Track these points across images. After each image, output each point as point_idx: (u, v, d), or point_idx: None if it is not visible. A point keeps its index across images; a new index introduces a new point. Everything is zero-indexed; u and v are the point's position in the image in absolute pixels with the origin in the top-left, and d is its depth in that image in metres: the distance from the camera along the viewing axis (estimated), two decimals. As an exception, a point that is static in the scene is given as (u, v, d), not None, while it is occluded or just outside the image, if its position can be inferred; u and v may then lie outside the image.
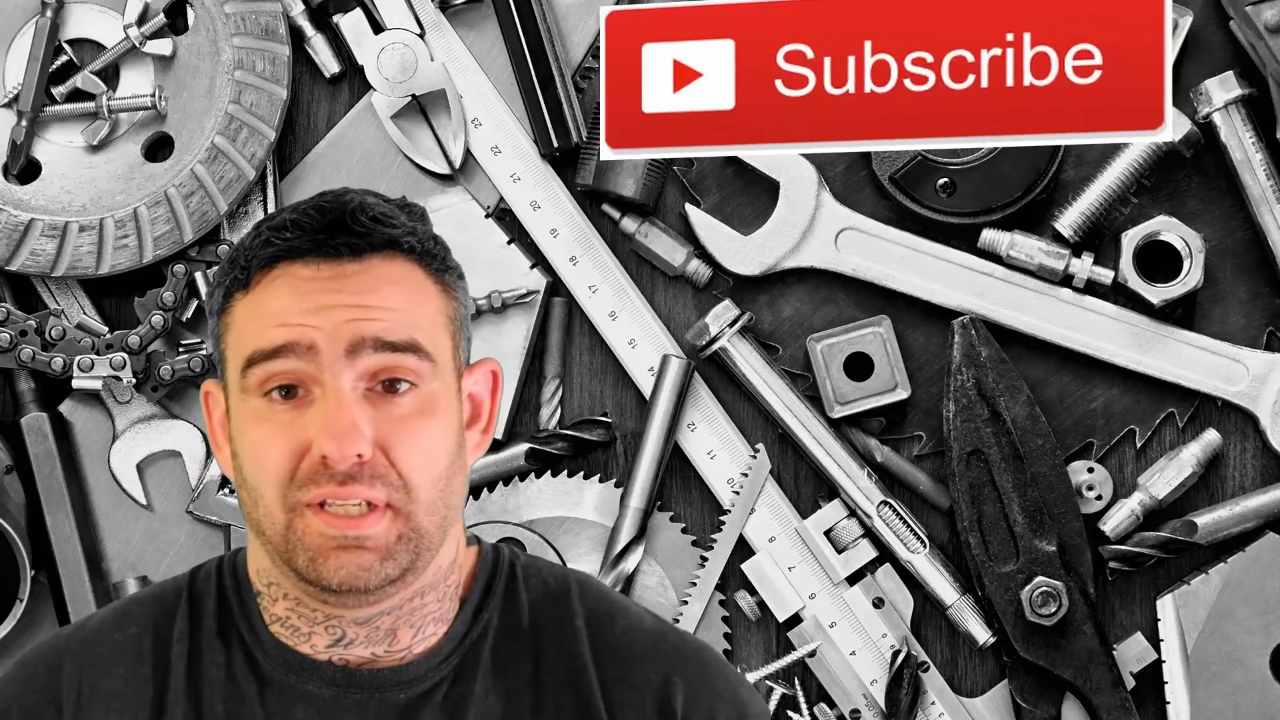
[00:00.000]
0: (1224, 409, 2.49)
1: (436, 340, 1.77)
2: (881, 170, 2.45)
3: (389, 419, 1.72)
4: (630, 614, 1.86)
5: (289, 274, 1.75)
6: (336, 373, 1.71)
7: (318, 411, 1.71)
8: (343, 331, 1.71)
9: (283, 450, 1.71)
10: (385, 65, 2.47)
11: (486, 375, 1.84)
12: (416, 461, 1.72)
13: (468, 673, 1.81)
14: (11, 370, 2.46)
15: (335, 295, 1.73)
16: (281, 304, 1.74)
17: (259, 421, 1.73)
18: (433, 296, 1.78)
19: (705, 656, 1.86)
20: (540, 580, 1.86)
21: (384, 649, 1.79)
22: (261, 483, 1.72)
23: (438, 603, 1.80)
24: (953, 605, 2.45)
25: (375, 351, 1.72)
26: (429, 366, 1.74)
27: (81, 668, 1.80)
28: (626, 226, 2.49)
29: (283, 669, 1.79)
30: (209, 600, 1.82)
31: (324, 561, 1.71)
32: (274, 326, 1.73)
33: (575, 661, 1.82)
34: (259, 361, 1.72)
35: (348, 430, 1.69)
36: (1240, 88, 2.42)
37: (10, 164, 2.43)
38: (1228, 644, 2.43)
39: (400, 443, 1.72)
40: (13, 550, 2.38)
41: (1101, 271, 2.45)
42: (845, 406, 2.47)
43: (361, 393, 1.72)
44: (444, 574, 1.80)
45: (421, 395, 1.74)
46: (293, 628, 1.79)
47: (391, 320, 1.73)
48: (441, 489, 1.74)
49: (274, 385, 1.72)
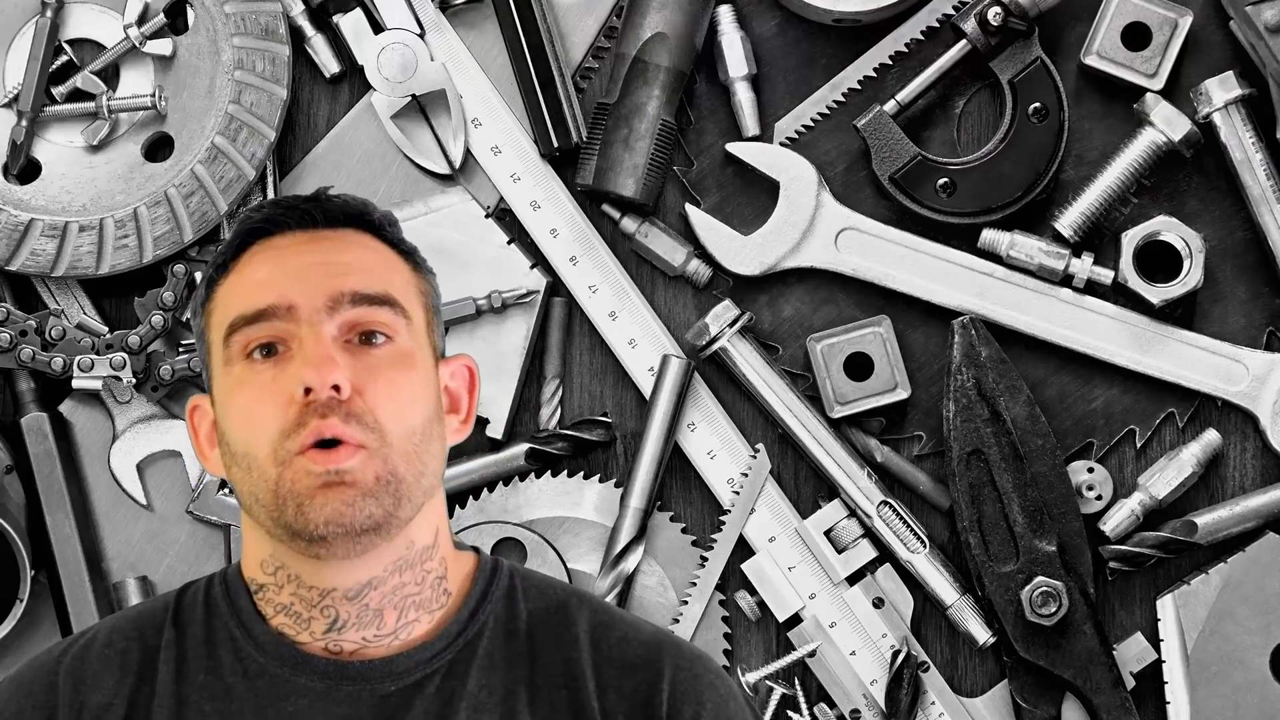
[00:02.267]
0: (1224, 409, 2.49)
1: (410, 302, 1.84)
2: (881, 170, 2.45)
3: (366, 366, 1.78)
4: (628, 624, 1.89)
5: (266, 246, 1.84)
6: (315, 324, 1.78)
7: (298, 359, 1.77)
8: (320, 288, 1.79)
9: (269, 405, 1.77)
10: (385, 65, 2.47)
11: (462, 370, 1.91)
12: (392, 408, 1.78)
13: (461, 669, 1.83)
14: (11, 370, 2.46)
15: (311, 255, 1.82)
16: (260, 272, 1.82)
17: (243, 385, 1.79)
18: (403, 269, 1.87)
19: (698, 666, 1.87)
20: (539, 591, 1.90)
21: (373, 632, 1.83)
22: (253, 443, 1.77)
23: (416, 586, 1.84)
24: (953, 605, 2.45)
25: (353, 305, 1.79)
26: (404, 323, 1.82)
27: (75, 683, 1.84)
28: (626, 226, 2.49)
29: (277, 662, 1.82)
30: (196, 609, 1.87)
31: (310, 503, 1.75)
32: (254, 292, 1.80)
33: (572, 666, 1.84)
34: (240, 327, 1.79)
35: (325, 360, 1.75)
36: (1240, 88, 2.42)
37: (10, 164, 2.43)
38: (1228, 644, 2.43)
39: (376, 389, 1.77)
40: (13, 550, 2.38)
41: (1101, 271, 2.45)
42: (845, 406, 2.47)
43: (340, 343, 1.78)
44: (419, 555, 1.84)
45: (397, 348, 1.81)
46: (295, 614, 1.83)
47: (367, 275, 1.81)
48: (416, 443, 1.79)
49: (255, 346, 1.79)
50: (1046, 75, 2.45)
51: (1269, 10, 2.37)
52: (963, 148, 2.50)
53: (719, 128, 2.50)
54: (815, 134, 2.50)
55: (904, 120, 2.46)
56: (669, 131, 2.47)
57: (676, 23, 2.45)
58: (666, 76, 2.45)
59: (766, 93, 2.50)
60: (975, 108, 2.51)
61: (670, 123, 2.47)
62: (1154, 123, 2.43)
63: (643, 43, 2.45)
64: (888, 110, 2.45)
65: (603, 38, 2.51)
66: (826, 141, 2.50)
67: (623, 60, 2.46)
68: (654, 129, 2.45)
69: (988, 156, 2.46)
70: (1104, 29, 2.45)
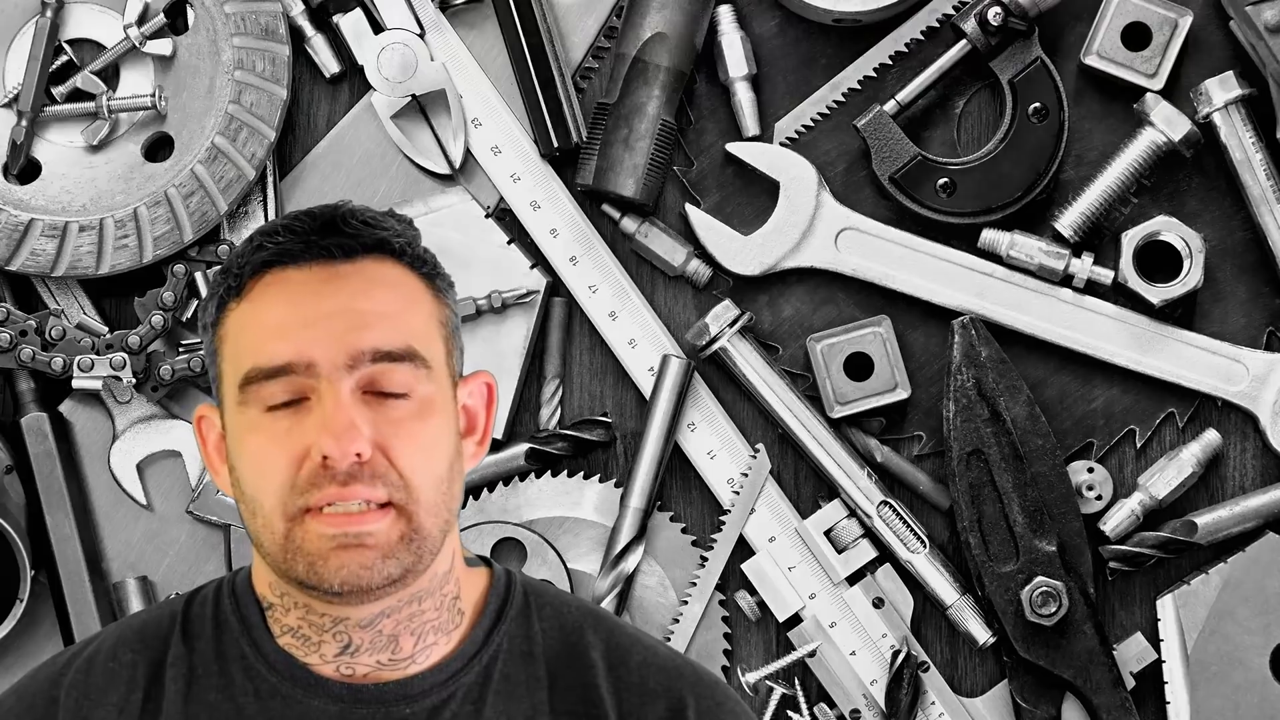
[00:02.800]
0: (1224, 409, 2.49)
1: (431, 345, 1.78)
2: (881, 170, 2.45)
3: (386, 421, 1.73)
4: (645, 647, 1.87)
5: (282, 279, 1.77)
6: (335, 380, 1.72)
7: (316, 416, 1.72)
8: (340, 345, 1.73)
9: (282, 457, 1.72)
10: (385, 65, 2.47)
11: (481, 388, 1.86)
12: (416, 462, 1.73)
13: (477, 693, 1.80)
14: (11, 370, 2.46)
15: (329, 301, 1.75)
16: (277, 314, 1.75)
17: (256, 431, 1.74)
18: (425, 301, 1.80)
19: (718, 693, 1.86)
20: (553, 610, 1.87)
21: (388, 656, 1.80)
22: (261, 492, 1.73)
23: (435, 610, 1.81)
24: (953, 605, 2.45)
25: (373, 362, 1.73)
26: (425, 373, 1.76)
27: (78, 697, 1.81)
28: (626, 226, 2.49)
29: (289, 683, 1.79)
30: (205, 623, 1.83)
31: (324, 564, 1.72)
32: (271, 340, 1.74)
33: (591, 692, 1.82)
34: (258, 380, 1.74)
35: (346, 428, 1.70)
36: (1240, 88, 2.42)
37: (10, 164, 2.43)
38: (1228, 644, 2.43)
39: (399, 443, 1.73)
40: (13, 550, 2.38)
41: (1101, 271, 2.45)
42: (845, 406, 2.47)
43: (359, 397, 1.73)
44: (440, 582, 1.81)
45: (418, 399, 1.75)
46: (303, 637, 1.80)
47: (387, 327, 1.75)
48: (443, 491, 1.75)
49: (273, 402, 1.73)
50: (1046, 75, 2.45)
51: (1269, 10, 2.37)
52: (963, 148, 2.50)
53: (719, 128, 2.50)
54: (815, 134, 2.50)
55: (904, 120, 2.46)
56: (669, 131, 2.47)
57: (676, 23, 2.45)
58: (666, 76, 2.45)
59: (766, 93, 2.50)
60: (975, 108, 2.51)
61: (670, 123, 2.47)
62: (1154, 123, 2.43)
63: (643, 43, 2.45)
64: (888, 110, 2.45)
65: (603, 38, 2.51)
66: (826, 141, 2.50)
67: (623, 60, 2.46)
68: (654, 129, 2.45)
69: (988, 156, 2.46)
70: (1104, 29, 2.45)
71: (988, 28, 2.42)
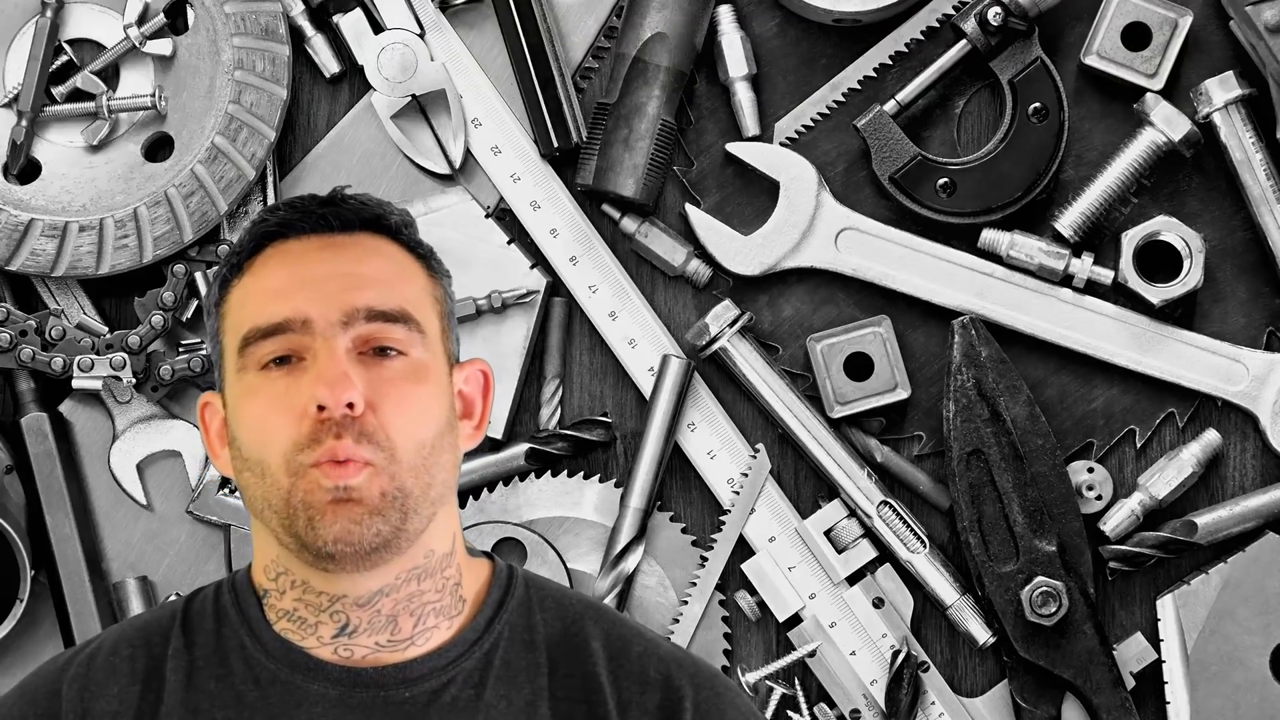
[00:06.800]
0: (1224, 409, 2.49)
1: (425, 314, 1.83)
2: (881, 170, 2.45)
3: (379, 379, 1.77)
4: (646, 639, 1.88)
5: (282, 250, 1.83)
6: (330, 337, 1.77)
7: (312, 371, 1.76)
8: (335, 302, 1.78)
9: (282, 416, 1.76)
10: (385, 65, 2.47)
11: (477, 374, 1.90)
12: (403, 422, 1.77)
13: (477, 678, 1.81)
14: (11, 370, 2.46)
15: (326, 265, 1.81)
16: (275, 279, 1.81)
17: (256, 394, 1.78)
18: (419, 276, 1.85)
19: (718, 683, 1.87)
20: (555, 602, 1.89)
21: (386, 638, 1.81)
22: (266, 452, 1.77)
23: (436, 593, 1.82)
24: (953, 605, 2.45)
25: (368, 321, 1.78)
26: (419, 337, 1.80)
27: (80, 690, 1.83)
28: (626, 226, 2.49)
29: (287, 669, 1.81)
30: (205, 619, 1.85)
31: (320, 519, 1.74)
32: (269, 302, 1.79)
33: (591, 680, 1.83)
34: (255, 340, 1.78)
35: (340, 378, 1.74)
36: (1240, 88, 2.42)
37: (10, 164, 2.43)
38: (1228, 644, 2.43)
39: (389, 402, 1.77)
40: (13, 550, 2.38)
41: (1101, 271, 2.45)
42: (845, 406, 2.47)
43: (354, 356, 1.77)
44: (439, 563, 1.83)
45: (412, 362, 1.80)
46: (300, 619, 1.81)
47: (382, 289, 1.80)
48: (425, 455, 1.78)
49: (270, 359, 1.78)
50: (1046, 75, 2.45)
51: (1269, 10, 2.37)
52: (963, 148, 2.50)
53: (719, 128, 2.50)
54: (815, 134, 2.50)
55: (904, 120, 2.46)
56: (669, 131, 2.47)
57: (676, 23, 2.45)
58: (666, 76, 2.45)
59: (766, 93, 2.50)
60: (975, 108, 2.51)
61: (670, 123, 2.47)
62: (1154, 123, 2.43)
63: (643, 43, 2.45)
64: (888, 110, 2.45)
65: (603, 38, 2.51)
66: (826, 141, 2.50)
67: (623, 60, 2.46)
68: (654, 129, 2.45)
69: (988, 156, 2.46)
70: (1104, 29, 2.45)
71: (988, 28, 2.43)
